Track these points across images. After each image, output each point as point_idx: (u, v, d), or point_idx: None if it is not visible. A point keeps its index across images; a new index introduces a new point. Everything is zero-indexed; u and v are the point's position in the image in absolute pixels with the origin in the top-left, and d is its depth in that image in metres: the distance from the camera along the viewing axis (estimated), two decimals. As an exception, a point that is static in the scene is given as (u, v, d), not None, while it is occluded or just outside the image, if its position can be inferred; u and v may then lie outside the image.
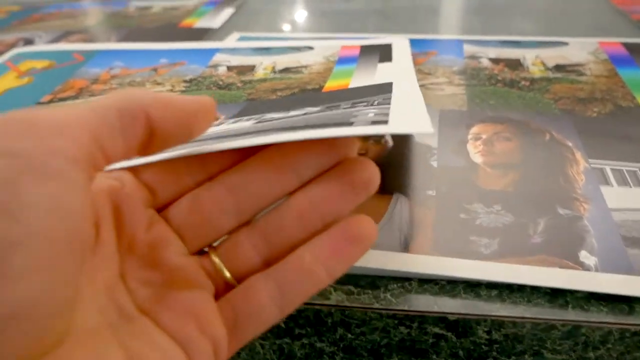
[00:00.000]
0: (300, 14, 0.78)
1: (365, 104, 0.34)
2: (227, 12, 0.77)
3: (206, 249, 0.24)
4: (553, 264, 0.30)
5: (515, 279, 0.30)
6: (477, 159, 0.40)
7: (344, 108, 0.33)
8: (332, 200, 0.23)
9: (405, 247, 0.32)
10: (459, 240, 0.32)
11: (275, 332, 0.31)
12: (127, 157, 0.21)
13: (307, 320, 0.30)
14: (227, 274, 0.23)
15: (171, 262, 0.23)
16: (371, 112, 0.29)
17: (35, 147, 0.16)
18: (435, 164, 0.39)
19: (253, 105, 0.46)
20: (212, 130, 0.33)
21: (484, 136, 0.42)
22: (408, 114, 0.27)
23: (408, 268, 0.30)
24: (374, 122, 0.25)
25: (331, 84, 0.50)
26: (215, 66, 0.59)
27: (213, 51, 0.63)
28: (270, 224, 0.23)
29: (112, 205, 0.22)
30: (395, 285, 0.30)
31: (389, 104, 0.32)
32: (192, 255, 0.24)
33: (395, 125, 0.24)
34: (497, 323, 0.29)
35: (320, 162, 0.24)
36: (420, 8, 0.77)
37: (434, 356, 0.31)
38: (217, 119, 0.43)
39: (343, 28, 0.69)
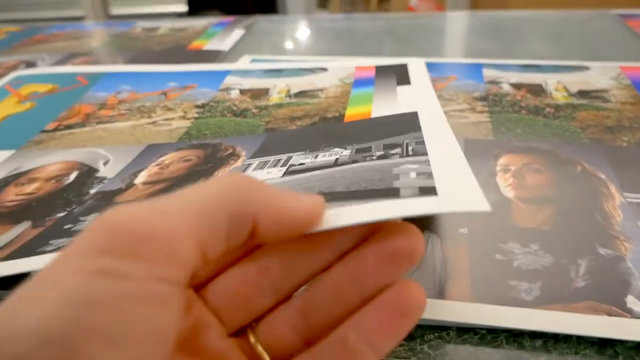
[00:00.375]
0: (310, 35, 0.77)
1: (399, 151, 0.33)
2: (237, 33, 0.76)
3: (245, 330, 0.22)
4: (600, 312, 0.28)
5: (561, 329, 0.28)
6: (508, 193, 0.38)
7: (378, 156, 0.32)
8: (372, 274, 0.21)
9: (441, 292, 0.30)
10: (498, 285, 0.30)
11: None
12: (224, 258, 0.20)
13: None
14: (267, 358, 0.21)
15: (212, 346, 0.21)
16: (412, 171, 0.28)
17: (144, 273, 0.16)
18: (464, 198, 0.37)
19: (274, 139, 0.44)
20: None
21: (512, 168, 0.40)
22: (455, 181, 0.26)
23: (446, 317, 0.28)
24: (422, 191, 0.24)
25: (352, 112, 0.48)
26: (227, 89, 0.57)
27: (224, 73, 0.61)
28: (308, 302, 0.22)
29: None
30: (432, 336, 0.28)
31: (425, 153, 0.31)
32: (231, 337, 0.22)
33: (450, 203, 0.23)
34: (544, 377, 0.27)
35: (361, 233, 0.22)
36: (429, 29, 0.76)
37: (474, 410, 0.29)
38: (239, 156, 0.41)
39: (355, 50, 0.68)
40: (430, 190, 0.25)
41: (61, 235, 0.33)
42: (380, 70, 0.57)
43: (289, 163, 0.36)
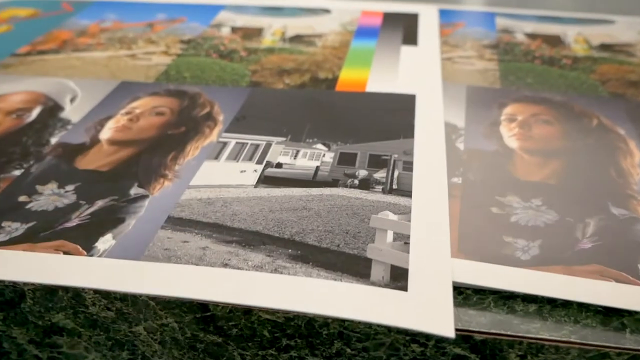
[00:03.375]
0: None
1: (383, 178, 0.31)
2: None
3: None
4: (608, 277, 0.24)
5: (561, 294, 0.24)
6: (512, 143, 0.33)
7: (360, 181, 0.31)
8: None
9: (423, 245, 0.26)
10: (490, 241, 0.26)
11: (257, 342, 0.25)
12: None
13: (297, 330, 0.24)
14: None
15: None
16: (391, 227, 0.27)
17: None
18: (461, 146, 0.33)
19: (256, 102, 0.39)
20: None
21: (519, 117, 0.36)
22: (429, 273, 0.25)
23: (426, 272, 0.25)
24: (393, 276, 0.24)
25: (346, 76, 0.43)
26: (218, 26, 0.53)
27: (217, 8, 0.57)
28: None
29: None
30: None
31: (410, 193, 0.29)
32: None
33: (415, 320, 0.22)
34: (535, 347, 0.23)
35: None
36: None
37: (452, 381, 0.25)
38: (215, 123, 0.37)
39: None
40: (400, 277, 0.24)
41: (15, 216, 0.29)
42: (388, 19, 0.52)
43: (266, 159, 0.33)
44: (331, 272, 0.25)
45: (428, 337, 0.23)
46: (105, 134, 0.36)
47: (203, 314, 0.24)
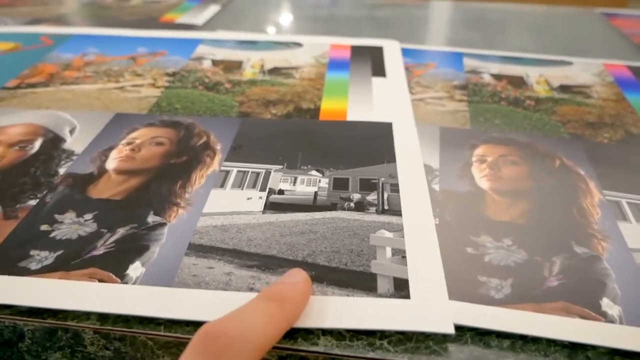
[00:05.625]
0: (289, 16, 0.74)
1: (375, 200, 0.34)
2: (213, 9, 0.72)
3: None
4: (573, 314, 0.27)
5: (532, 331, 0.26)
6: (483, 184, 0.36)
7: (355, 204, 0.34)
8: None
9: (405, 285, 0.28)
10: (467, 280, 0.28)
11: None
12: None
13: (289, 369, 0.26)
14: None
15: None
16: (388, 243, 0.30)
17: None
18: (437, 187, 0.35)
19: (248, 132, 0.41)
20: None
21: (489, 159, 0.38)
22: (426, 282, 0.28)
23: (409, 312, 0.26)
24: (396, 286, 0.28)
25: (327, 106, 0.45)
26: (199, 59, 0.54)
27: (196, 42, 0.58)
28: None
29: None
30: (393, 331, 0.26)
31: (399, 212, 0.33)
32: None
33: (418, 321, 0.26)
34: (510, 380, 0.25)
35: None
36: (412, 18, 0.73)
37: (434, 413, 0.26)
38: (214, 152, 0.38)
39: (333, 33, 0.65)
40: (403, 287, 0.28)
41: (41, 245, 0.30)
42: (356, 52, 0.55)
43: (268, 186, 0.35)
44: (343, 289, 0.27)
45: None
46: (111, 164, 0.37)
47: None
